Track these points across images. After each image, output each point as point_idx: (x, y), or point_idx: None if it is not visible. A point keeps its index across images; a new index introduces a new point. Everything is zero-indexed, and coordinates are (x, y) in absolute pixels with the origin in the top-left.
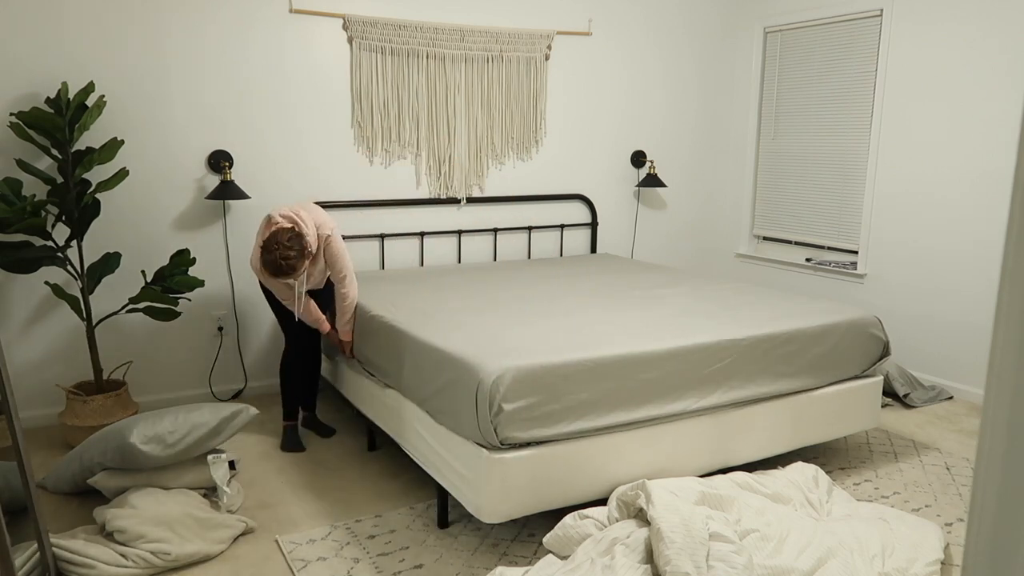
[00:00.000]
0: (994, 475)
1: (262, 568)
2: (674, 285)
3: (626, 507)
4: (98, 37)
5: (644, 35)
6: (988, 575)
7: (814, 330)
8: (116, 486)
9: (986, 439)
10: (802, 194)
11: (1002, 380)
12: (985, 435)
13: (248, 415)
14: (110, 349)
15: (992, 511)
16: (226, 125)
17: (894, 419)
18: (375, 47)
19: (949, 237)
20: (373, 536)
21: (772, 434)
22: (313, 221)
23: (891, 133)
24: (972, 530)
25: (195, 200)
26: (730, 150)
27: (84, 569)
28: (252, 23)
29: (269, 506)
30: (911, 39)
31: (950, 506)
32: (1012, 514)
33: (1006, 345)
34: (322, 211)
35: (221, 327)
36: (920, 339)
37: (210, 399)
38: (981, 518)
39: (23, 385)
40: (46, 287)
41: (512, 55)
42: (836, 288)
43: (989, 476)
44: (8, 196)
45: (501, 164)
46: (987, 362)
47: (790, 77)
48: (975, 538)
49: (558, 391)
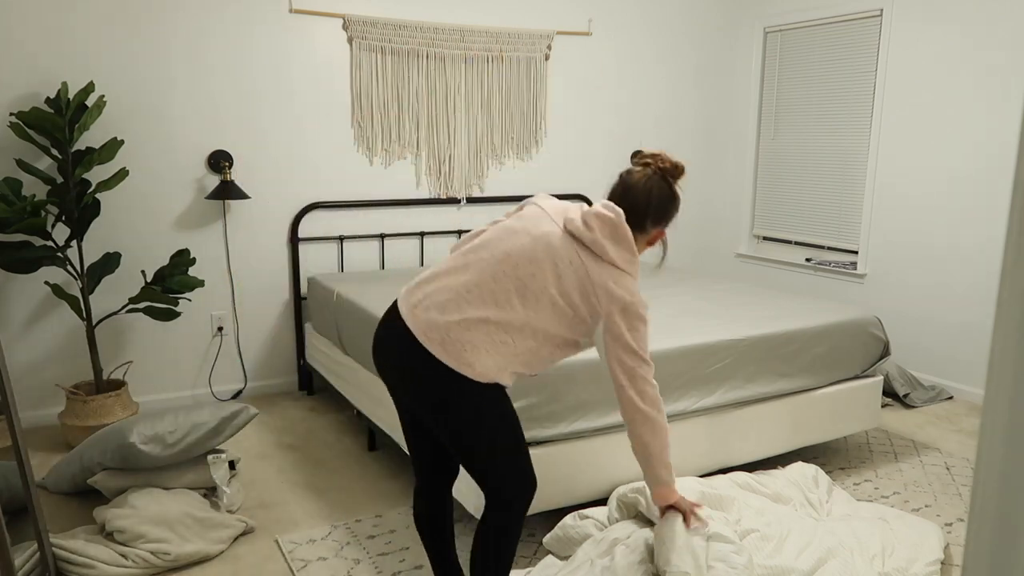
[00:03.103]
0: (994, 475)
1: (262, 568)
2: (674, 285)
3: (626, 507)
4: (98, 37)
5: (644, 35)
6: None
7: (814, 330)
8: (116, 486)
9: (986, 439)
10: (802, 194)
11: (1002, 380)
12: (985, 435)
13: (248, 415)
14: (110, 349)
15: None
16: (226, 125)
17: (894, 419)
18: (375, 47)
19: (949, 237)
20: (373, 536)
21: (772, 434)
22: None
23: (891, 133)
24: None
25: (195, 200)
26: (730, 150)
27: (84, 569)
28: (252, 23)
29: (269, 506)
30: (911, 39)
31: (950, 506)
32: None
33: (1006, 345)
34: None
35: (221, 327)
36: (920, 339)
37: (210, 399)
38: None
39: (23, 385)
40: (46, 287)
41: (512, 55)
42: (836, 288)
43: (989, 476)
44: (8, 196)
45: (501, 164)
46: (987, 362)
47: (790, 77)
48: (975, 538)
49: (558, 391)
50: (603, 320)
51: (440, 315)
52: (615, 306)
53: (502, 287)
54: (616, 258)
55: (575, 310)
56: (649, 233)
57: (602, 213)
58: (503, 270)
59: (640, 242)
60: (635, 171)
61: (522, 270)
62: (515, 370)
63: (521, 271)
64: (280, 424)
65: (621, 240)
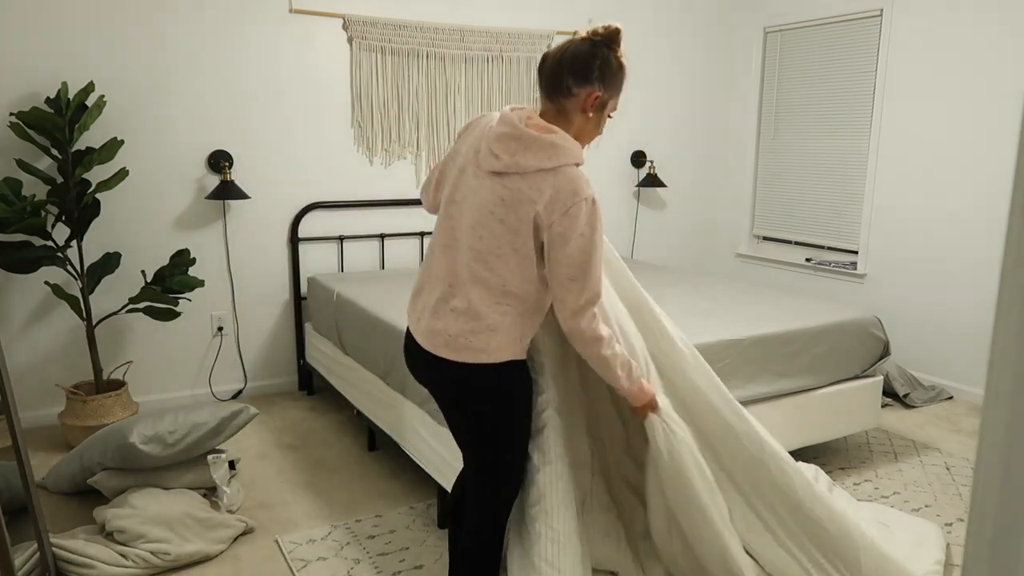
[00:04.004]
0: (994, 475)
1: (262, 568)
2: (674, 285)
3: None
4: (98, 37)
5: (644, 35)
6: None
7: (814, 330)
8: (116, 486)
9: (986, 439)
10: (802, 194)
11: (1002, 380)
12: (985, 435)
13: (248, 415)
14: (110, 349)
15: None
16: (226, 125)
17: (894, 419)
18: (375, 47)
19: (949, 237)
20: (373, 536)
21: (772, 434)
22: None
23: (891, 133)
24: (972, 530)
25: (195, 200)
26: (730, 150)
27: (84, 569)
28: (252, 23)
29: (269, 506)
30: (911, 39)
31: (950, 506)
32: (1012, 514)
33: (1006, 345)
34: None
35: (221, 327)
36: (920, 339)
37: (210, 399)
38: (981, 518)
39: (23, 385)
40: (46, 287)
41: (512, 55)
42: (836, 288)
43: (989, 476)
44: (8, 196)
45: None
46: (987, 362)
47: (790, 77)
48: (975, 538)
49: None
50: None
51: (435, 321)
52: (567, 226)
53: (471, 270)
54: (539, 163)
55: (535, 249)
56: (577, 96)
57: (500, 132)
58: (465, 257)
59: (573, 115)
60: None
61: (478, 245)
62: (524, 332)
63: (478, 246)
64: (280, 424)
65: (532, 143)
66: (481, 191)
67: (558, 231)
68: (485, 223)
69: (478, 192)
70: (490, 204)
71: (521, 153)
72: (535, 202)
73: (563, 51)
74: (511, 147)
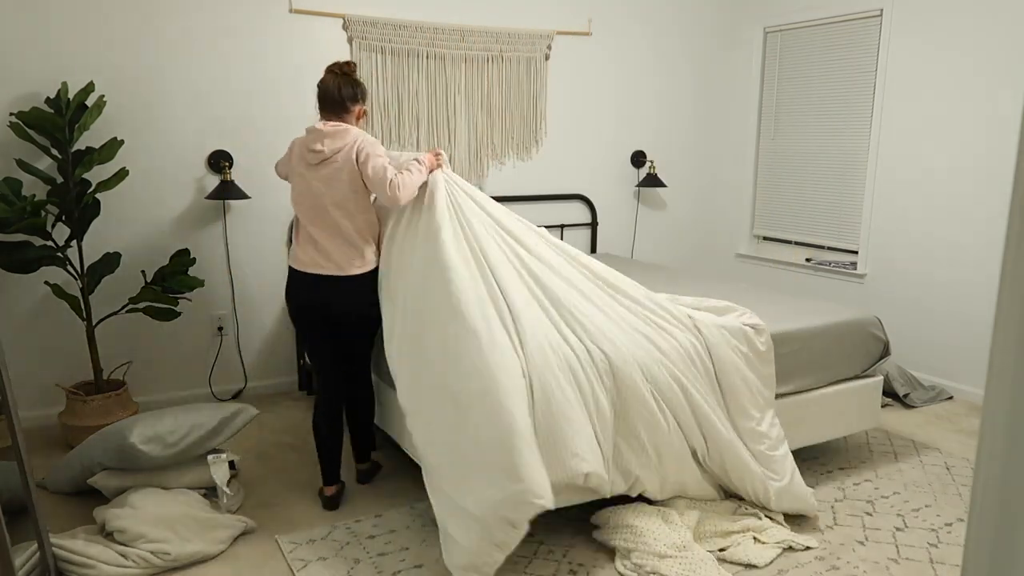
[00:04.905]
0: (994, 475)
1: (262, 568)
2: (674, 285)
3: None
4: (98, 37)
5: (644, 35)
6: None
7: (814, 330)
8: (116, 486)
9: (986, 439)
10: (802, 194)
11: (1002, 380)
12: (985, 435)
13: (248, 415)
14: (110, 349)
15: (992, 511)
16: (226, 125)
17: (894, 419)
18: (375, 47)
19: (949, 237)
20: (373, 536)
21: None
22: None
23: (891, 133)
24: (972, 530)
25: (195, 200)
26: (730, 150)
27: (84, 569)
28: (252, 23)
29: (269, 506)
30: (911, 39)
31: (950, 506)
32: (1012, 514)
33: (1006, 345)
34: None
35: (221, 327)
36: (920, 339)
37: (210, 399)
38: (981, 518)
39: (23, 385)
40: (46, 287)
41: (512, 55)
42: (836, 288)
43: (989, 476)
44: (8, 196)
45: (501, 164)
46: (987, 362)
47: (790, 77)
48: (975, 538)
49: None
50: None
51: (318, 255)
52: (364, 157)
53: (327, 217)
54: (343, 143)
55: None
56: (353, 111)
57: (317, 131)
58: (323, 217)
59: (350, 121)
60: (325, 79)
61: (332, 212)
62: (373, 243)
63: (332, 212)
64: (280, 424)
65: (335, 134)
66: (329, 179)
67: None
68: (328, 198)
69: (324, 181)
70: (327, 185)
71: (333, 143)
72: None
73: (339, 89)
74: (326, 142)
